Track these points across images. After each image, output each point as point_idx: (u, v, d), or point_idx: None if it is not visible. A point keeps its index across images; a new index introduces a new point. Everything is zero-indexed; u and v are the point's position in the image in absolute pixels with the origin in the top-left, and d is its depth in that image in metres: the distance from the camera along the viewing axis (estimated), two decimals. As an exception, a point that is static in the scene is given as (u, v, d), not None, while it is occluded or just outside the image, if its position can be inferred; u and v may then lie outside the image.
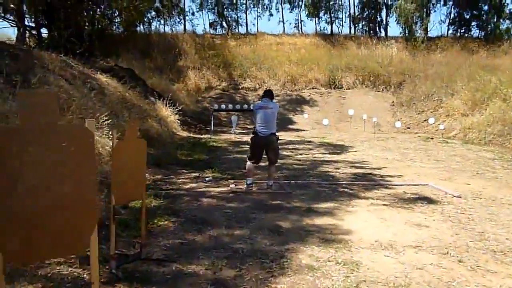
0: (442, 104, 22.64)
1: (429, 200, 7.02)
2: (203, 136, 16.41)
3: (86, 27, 16.58)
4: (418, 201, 6.91)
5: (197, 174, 8.61)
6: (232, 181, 8.00)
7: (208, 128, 19.33)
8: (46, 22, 18.53)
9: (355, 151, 13.47)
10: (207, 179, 8.05)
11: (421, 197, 7.26)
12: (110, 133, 8.21)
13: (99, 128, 8.12)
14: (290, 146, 13.89)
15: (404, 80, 26.71)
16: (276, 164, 7.74)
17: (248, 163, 7.40)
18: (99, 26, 17.03)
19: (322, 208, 6.28)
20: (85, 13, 16.53)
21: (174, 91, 23.53)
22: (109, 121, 8.34)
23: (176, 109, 16.40)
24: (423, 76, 26.17)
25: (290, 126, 21.68)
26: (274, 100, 7.71)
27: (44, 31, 18.62)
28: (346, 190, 7.65)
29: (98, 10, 16.84)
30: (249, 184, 7.27)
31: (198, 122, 20.54)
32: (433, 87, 24.16)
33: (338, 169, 9.95)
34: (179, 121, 16.48)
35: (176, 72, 26.44)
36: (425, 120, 22.26)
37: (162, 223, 5.29)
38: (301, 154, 12.19)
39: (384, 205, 6.63)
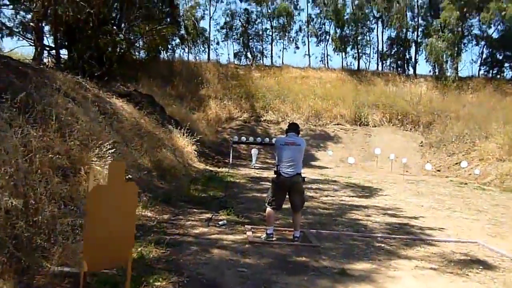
0: (475, 147, 21.29)
1: (485, 264, 5.82)
2: (220, 169, 15.40)
3: (106, 50, 15.87)
4: (471, 265, 5.71)
5: (209, 216, 7.54)
6: (249, 227, 6.89)
7: (227, 161, 18.35)
8: (66, 43, 18.04)
9: (385, 195, 12.27)
10: (220, 223, 6.96)
11: (474, 259, 6.07)
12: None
13: (101, 157, 7.16)
14: (314, 186, 12.76)
15: (434, 120, 25.50)
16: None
17: (268, 209, 6.28)
18: (120, 50, 16.34)
19: (358, 270, 5.13)
20: (107, 36, 15.86)
21: (194, 120, 22.77)
22: (113, 150, 7.35)
23: (194, 139, 15.46)
24: (454, 117, 24.95)
25: (313, 163, 20.58)
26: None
27: (64, 52, 18.13)
28: (383, 245, 6.49)
29: (120, 33, 16.15)
30: (269, 234, 6.15)
31: (216, 154, 19.62)
32: (465, 129, 22.88)
33: (369, 216, 8.78)
34: (196, 152, 15.53)
35: (197, 100, 25.71)
36: (456, 163, 20.92)
37: (159, 283, 4.19)
38: (326, 196, 11.06)
39: (432, 269, 5.46)
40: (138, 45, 17.97)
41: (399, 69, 33.01)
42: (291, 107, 26.06)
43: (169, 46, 29.30)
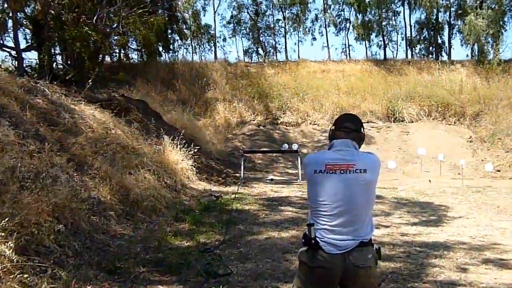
0: (540, 139, 17.46)
1: None
2: (227, 188, 11.82)
3: (75, 46, 12.49)
4: None
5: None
6: None
7: (238, 175, 14.73)
8: (35, 43, 14.84)
9: (459, 217, 8.55)
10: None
11: None
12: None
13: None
14: None
15: (482, 110, 21.49)
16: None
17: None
18: (93, 45, 12.84)
19: None
20: (75, 28, 12.46)
21: (199, 128, 19.35)
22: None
23: (191, 151, 11.91)
24: (506, 105, 20.99)
25: (344, 170, 16.82)
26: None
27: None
28: None
29: (89, 22, 12.60)
30: None
31: (225, 167, 16.04)
32: (524, 118, 19.04)
33: (469, 272, 5.11)
34: (194, 168, 11.96)
35: (203, 105, 22.20)
36: (519, 161, 17.10)
37: None
38: (377, 227, 7.40)
39: None
40: (114, 38, 14.44)
41: (431, 55, 29.07)
42: (312, 105, 22.34)
43: (166, 44, 25.96)
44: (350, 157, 2.60)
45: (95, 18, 12.45)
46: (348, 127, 2.71)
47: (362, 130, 2.77)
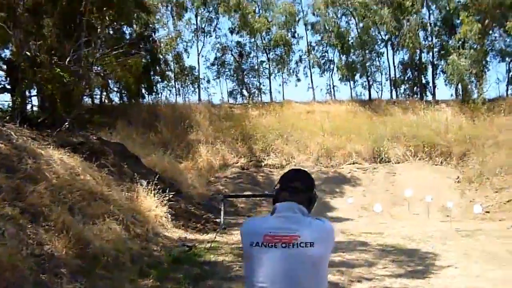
0: (528, 179, 17.13)
1: None
2: (204, 236, 11.19)
3: (45, 88, 12.08)
4: None
5: None
6: None
7: (219, 220, 14.09)
8: (9, 85, 14.43)
9: (448, 266, 8.00)
10: None
11: None
12: None
13: None
14: (336, 258, 8.36)
15: (468, 149, 21.25)
16: None
17: None
18: (65, 85, 12.37)
19: None
20: (47, 69, 12.05)
21: (180, 171, 18.84)
22: None
23: (167, 196, 11.35)
24: (492, 144, 20.78)
25: (329, 214, 16.21)
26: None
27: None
28: None
29: (61, 63, 12.19)
30: None
31: (206, 212, 15.41)
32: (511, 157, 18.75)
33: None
34: (170, 214, 11.35)
35: (185, 147, 21.73)
36: (508, 201, 16.70)
37: None
38: (359, 281, 6.81)
39: None
40: (93, 79, 14.09)
41: (415, 95, 29.04)
42: (297, 147, 22.02)
43: (153, 88, 25.69)
44: (295, 225, 2.05)
45: (68, 59, 12.05)
46: (295, 187, 2.19)
47: (313, 189, 2.24)
